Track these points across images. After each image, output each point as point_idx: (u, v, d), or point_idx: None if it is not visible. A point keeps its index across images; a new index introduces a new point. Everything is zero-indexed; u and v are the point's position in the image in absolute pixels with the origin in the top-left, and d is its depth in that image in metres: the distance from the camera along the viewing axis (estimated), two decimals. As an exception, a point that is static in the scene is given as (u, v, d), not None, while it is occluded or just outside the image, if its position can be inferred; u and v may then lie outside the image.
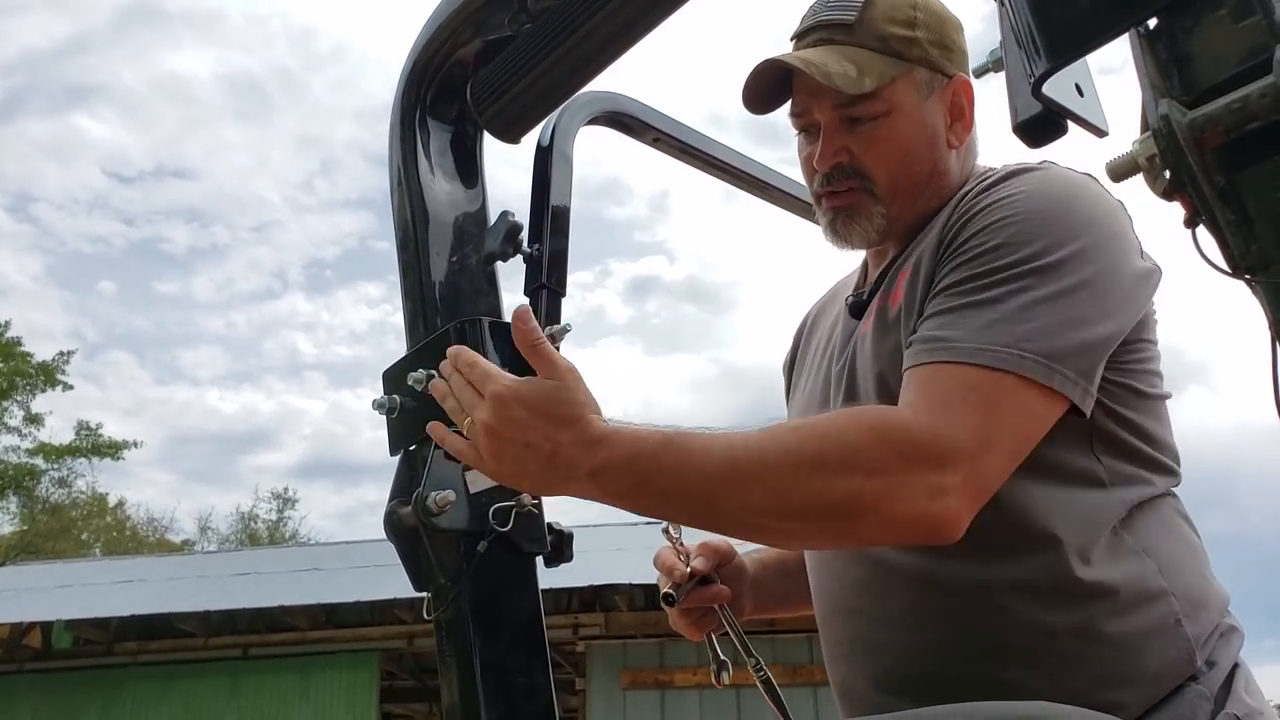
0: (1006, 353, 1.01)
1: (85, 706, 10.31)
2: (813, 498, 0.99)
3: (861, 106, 1.22)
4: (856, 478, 0.99)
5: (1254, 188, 0.57)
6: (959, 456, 0.99)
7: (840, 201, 1.26)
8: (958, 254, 1.11)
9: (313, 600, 9.84)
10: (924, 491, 0.98)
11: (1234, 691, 1.06)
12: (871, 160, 1.24)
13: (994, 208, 1.12)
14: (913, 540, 1.05)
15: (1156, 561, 1.09)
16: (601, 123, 1.44)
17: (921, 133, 1.24)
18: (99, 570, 13.72)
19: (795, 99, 1.27)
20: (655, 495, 1.02)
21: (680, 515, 1.10)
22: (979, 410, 1.01)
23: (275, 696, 10.13)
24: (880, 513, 0.99)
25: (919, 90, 1.24)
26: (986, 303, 1.05)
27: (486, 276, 1.34)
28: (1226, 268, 0.58)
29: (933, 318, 1.08)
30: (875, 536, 1.05)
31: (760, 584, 1.42)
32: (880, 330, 1.20)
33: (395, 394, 1.26)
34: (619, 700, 9.36)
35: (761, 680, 1.30)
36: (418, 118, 1.37)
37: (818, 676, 8.11)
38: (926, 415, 1.01)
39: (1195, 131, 0.57)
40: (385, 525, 1.21)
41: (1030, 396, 1.02)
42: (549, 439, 1.00)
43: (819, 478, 0.99)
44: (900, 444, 0.99)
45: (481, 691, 1.14)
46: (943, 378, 1.03)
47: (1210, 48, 0.60)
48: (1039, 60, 0.66)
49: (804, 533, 1.06)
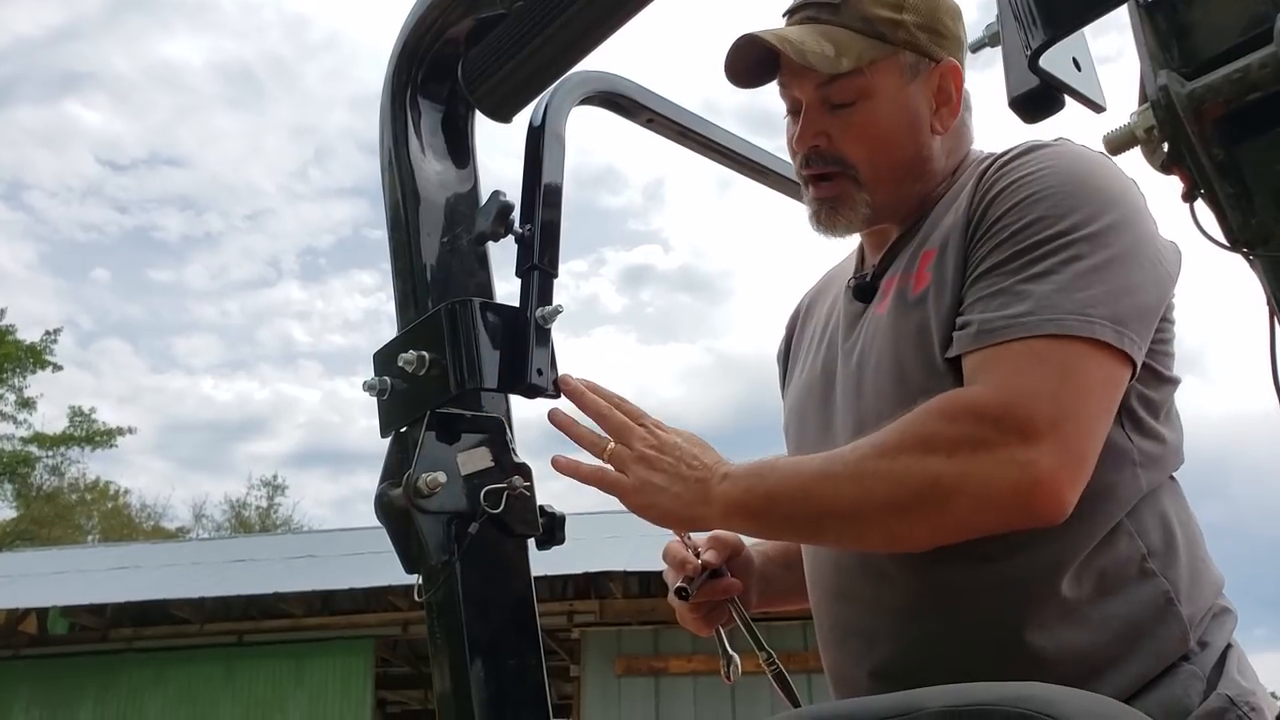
0: (1073, 319, 1.00)
1: (80, 693, 10.33)
2: (895, 486, 1.00)
3: (840, 88, 1.20)
4: (935, 459, 0.98)
5: (1254, 160, 0.56)
6: (1038, 426, 0.97)
7: (825, 192, 1.25)
8: (993, 233, 1.09)
9: (308, 587, 9.85)
10: (1010, 465, 0.96)
11: (1226, 671, 1.06)
12: (850, 145, 1.22)
13: (1022, 183, 1.10)
14: (1016, 521, 1.01)
15: (1147, 543, 1.09)
16: (595, 102, 1.42)
17: (902, 117, 1.22)
18: (94, 557, 13.74)
19: (782, 75, 1.26)
20: (765, 498, 1.09)
21: (787, 521, 1.11)
22: (1052, 378, 0.99)
23: (270, 683, 10.16)
24: (968, 492, 0.97)
25: (902, 74, 1.22)
26: (1040, 275, 1.03)
27: (478, 257, 1.33)
28: (1225, 242, 0.57)
29: (984, 299, 1.06)
30: (973, 520, 1.01)
31: (765, 576, 1.41)
32: (900, 311, 1.17)
33: (386, 375, 1.25)
34: (614, 687, 9.40)
35: (775, 675, 1.29)
36: (409, 97, 1.35)
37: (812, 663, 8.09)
38: (996, 389, 1.00)
39: (1195, 103, 0.56)
40: (376, 507, 1.20)
41: (1104, 360, 1.01)
42: (698, 462, 1.13)
43: (899, 464, 1.00)
44: (973, 420, 0.98)
45: (473, 673, 1.13)
46: (1012, 354, 1.01)
47: (1210, 18, 0.59)
48: (1036, 32, 0.65)
49: (901, 528, 1.04)
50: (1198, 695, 1.03)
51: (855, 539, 1.10)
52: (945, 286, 1.13)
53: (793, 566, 1.43)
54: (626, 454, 1.15)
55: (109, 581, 11.04)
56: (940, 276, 1.14)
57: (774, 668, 1.28)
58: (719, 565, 1.31)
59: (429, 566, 1.18)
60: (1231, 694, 1.03)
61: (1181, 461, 1.18)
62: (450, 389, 1.17)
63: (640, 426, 1.17)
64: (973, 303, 1.08)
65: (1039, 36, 0.65)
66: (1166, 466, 1.14)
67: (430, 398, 1.19)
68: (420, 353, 1.19)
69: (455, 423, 1.20)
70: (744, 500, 1.10)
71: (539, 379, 1.21)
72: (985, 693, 0.98)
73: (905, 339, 1.15)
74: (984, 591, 1.08)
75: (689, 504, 1.11)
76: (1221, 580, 1.16)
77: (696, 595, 1.28)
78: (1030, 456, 0.96)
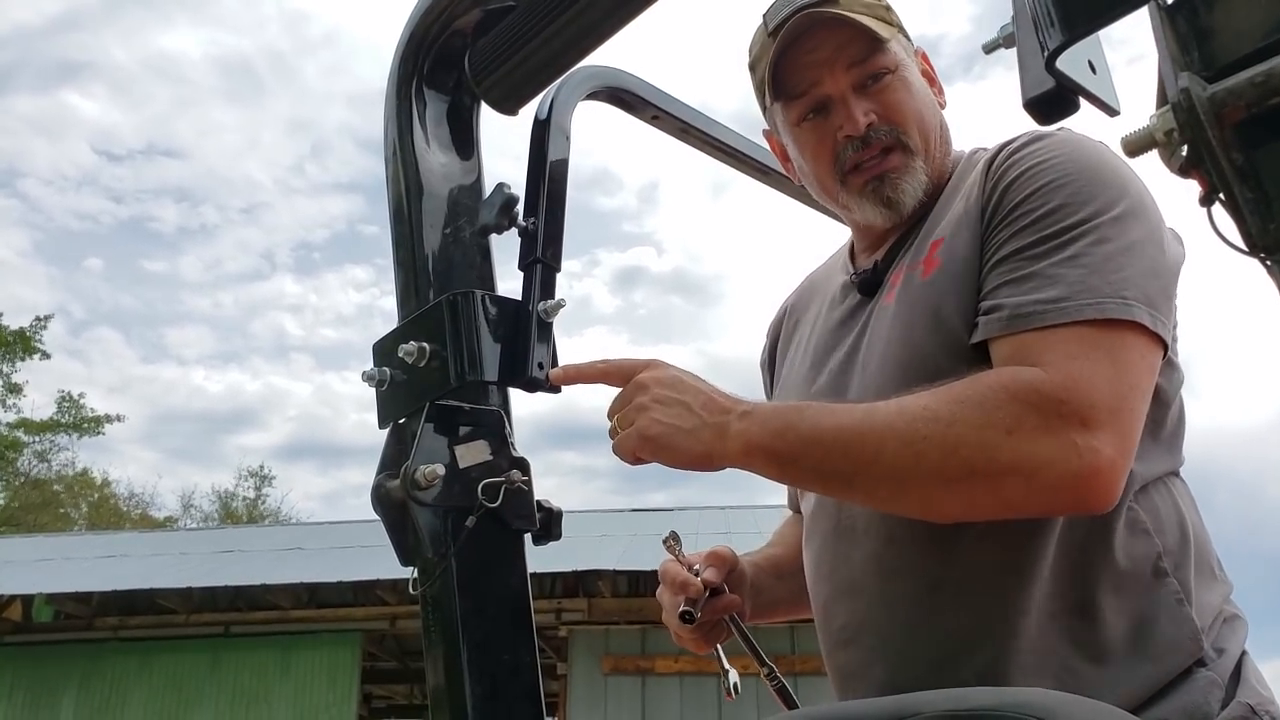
0: (1111, 303, 0.99)
1: (65, 680, 10.27)
2: (949, 455, 0.96)
3: (876, 61, 1.23)
4: (994, 434, 0.95)
5: (1274, 165, 0.56)
6: (1099, 414, 0.95)
7: (879, 168, 1.24)
8: (1014, 218, 1.08)
9: (295, 579, 9.81)
10: (1072, 451, 0.94)
11: (1244, 679, 1.05)
12: (898, 115, 1.24)
13: (1039, 169, 1.10)
14: (1064, 507, 0.99)
15: (1163, 542, 1.08)
16: (601, 98, 1.42)
17: (924, 87, 1.28)
18: (81, 544, 13.67)
19: (798, 79, 1.26)
20: (796, 442, 1.04)
21: (813, 469, 1.06)
22: (1105, 364, 0.97)
23: (255, 674, 10.12)
24: (1024, 473, 0.95)
25: (905, 51, 1.28)
26: (1070, 259, 1.02)
27: (480, 249, 1.32)
28: (1244, 246, 0.57)
29: (1011, 283, 1.05)
30: (1020, 501, 0.98)
31: (756, 587, 1.38)
32: (910, 295, 1.17)
33: (386, 366, 1.24)
34: (600, 685, 9.39)
35: (777, 689, 1.26)
36: (414, 88, 1.34)
37: (799, 667, 8.17)
38: (1056, 372, 0.97)
39: (1216, 106, 0.56)
40: (373, 499, 1.20)
41: (1143, 344, 1.00)
42: (712, 400, 1.09)
43: (954, 433, 0.96)
44: (1036, 400, 0.95)
45: (466, 667, 1.13)
46: (1060, 338, 0.99)
47: (1233, 21, 0.58)
48: (1054, 33, 0.64)
49: (941, 498, 1.00)
50: (1217, 702, 1.02)
51: (886, 500, 1.05)
52: (957, 269, 1.12)
53: (783, 577, 1.42)
54: (635, 403, 1.11)
55: (95, 570, 10.99)
56: (951, 259, 1.14)
57: (775, 682, 1.25)
58: (719, 583, 1.28)
59: (425, 559, 1.18)
60: (1253, 702, 1.03)
61: (1183, 460, 1.17)
62: (450, 381, 1.17)
63: (647, 370, 1.13)
64: (997, 286, 1.06)
65: (1057, 37, 0.64)
66: (1170, 459, 1.14)
67: (430, 389, 1.18)
68: (421, 344, 1.18)
69: (454, 415, 1.19)
70: (767, 442, 1.05)
71: (539, 372, 1.20)
72: (984, 697, 0.97)
73: (917, 322, 1.14)
74: (1000, 581, 1.06)
75: (705, 441, 1.07)
76: (1230, 586, 1.15)
77: (699, 617, 1.25)
78: (1093, 444, 0.94)
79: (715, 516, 11.32)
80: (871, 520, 1.16)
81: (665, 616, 1.31)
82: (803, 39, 1.23)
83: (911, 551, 1.11)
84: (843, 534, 1.20)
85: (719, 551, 1.33)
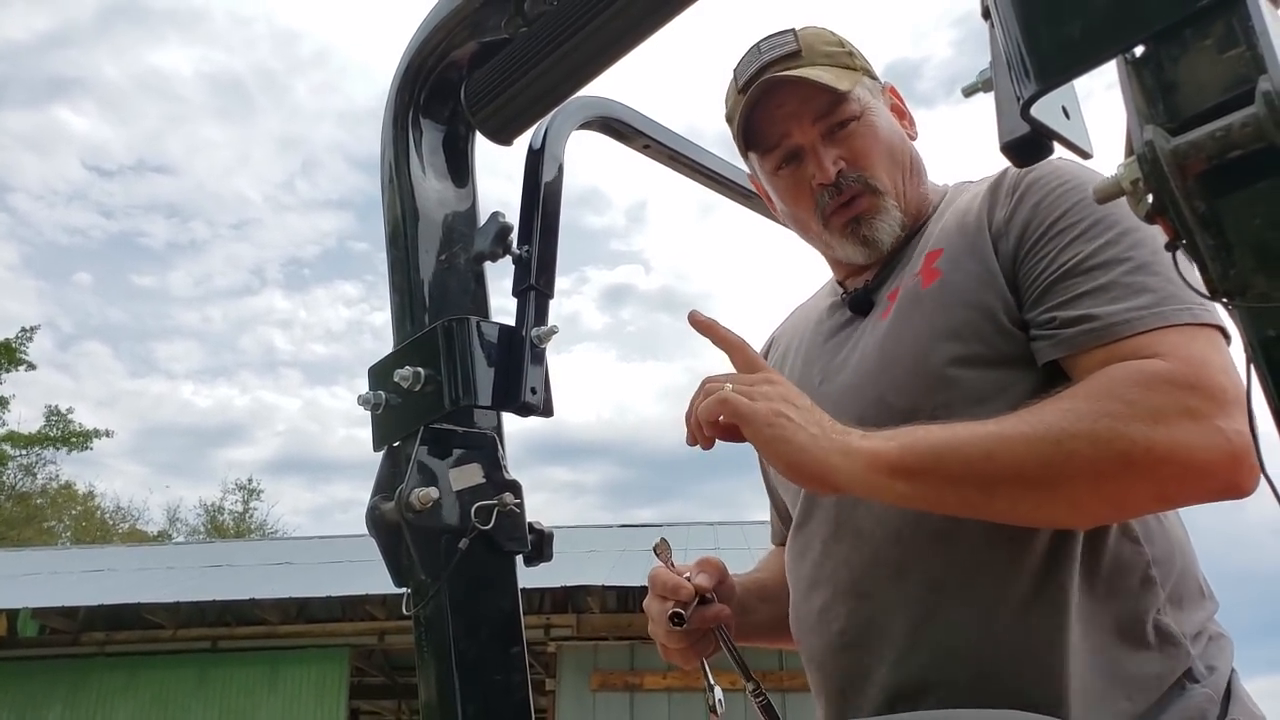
0: (1197, 308, 1.01)
1: (50, 696, 10.18)
2: (1101, 450, 0.95)
3: (841, 111, 1.29)
4: (1141, 425, 0.94)
5: (1234, 214, 0.58)
6: (1229, 395, 0.96)
7: (853, 211, 1.29)
8: (1059, 232, 1.10)
9: (284, 594, 9.75)
10: (1219, 436, 0.94)
11: (1237, 696, 1.07)
12: (865, 160, 1.29)
13: (1068, 188, 1.13)
14: (1215, 493, 0.98)
15: (1151, 551, 1.10)
16: (594, 128, 1.45)
17: (891, 125, 1.33)
18: (67, 559, 13.57)
19: (768, 133, 1.32)
20: (929, 453, 1.00)
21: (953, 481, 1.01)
22: (1218, 356, 0.99)
23: (243, 689, 10.04)
24: (1178, 461, 0.94)
25: (873, 94, 1.33)
26: (1141, 268, 1.04)
27: (475, 276, 1.34)
28: (1206, 291, 0.60)
29: (1087, 295, 1.05)
30: (1173, 490, 0.98)
31: (743, 606, 1.38)
32: (910, 307, 1.20)
33: (381, 390, 1.26)
34: (589, 701, 9.35)
35: (762, 706, 1.25)
36: (411, 117, 1.37)
37: (787, 683, 8.15)
38: (1179, 362, 0.97)
39: (1179, 158, 0.58)
40: (367, 521, 1.21)
41: (1225, 345, 1.02)
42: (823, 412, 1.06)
43: (1101, 427, 0.95)
44: (1173, 389, 0.96)
45: (459, 688, 1.14)
46: (1164, 339, 1.00)
47: (1195, 76, 0.61)
48: (1028, 83, 0.67)
49: (1091, 496, 0.98)
50: (1214, 719, 1.04)
51: (1032, 506, 1.01)
52: (962, 278, 1.15)
53: (768, 600, 1.42)
54: (765, 391, 1.05)
55: (82, 584, 10.91)
56: (954, 269, 1.17)
57: (761, 699, 1.24)
58: (710, 591, 1.28)
59: (418, 580, 1.19)
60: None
61: None
62: (444, 405, 1.19)
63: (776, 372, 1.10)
64: (1075, 297, 1.06)
65: (1031, 87, 0.67)
66: None
67: (424, 413, 1.20)
68: (416, 369, 1.20)
69: (448, 439, 1.21)
70: (896, 456, 1.00)
71: (532, 397, 1.23)
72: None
73: (923, 329, 1.17)
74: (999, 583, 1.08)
75: (826, 450, 1.02)
76: (1216, 605, 1.16)
77: (688, 622, 1.24)
78: (1235, 426, 0.94)
79: (704, 532, 11.31)
80: (878, 521, 1.17)
81: (652, 627, 1.30)
82: (770, 94, 1.29)
83: (917, 551, 1.12)
84: (844, 538, 1.21)
85: (710, 560, 1.33)
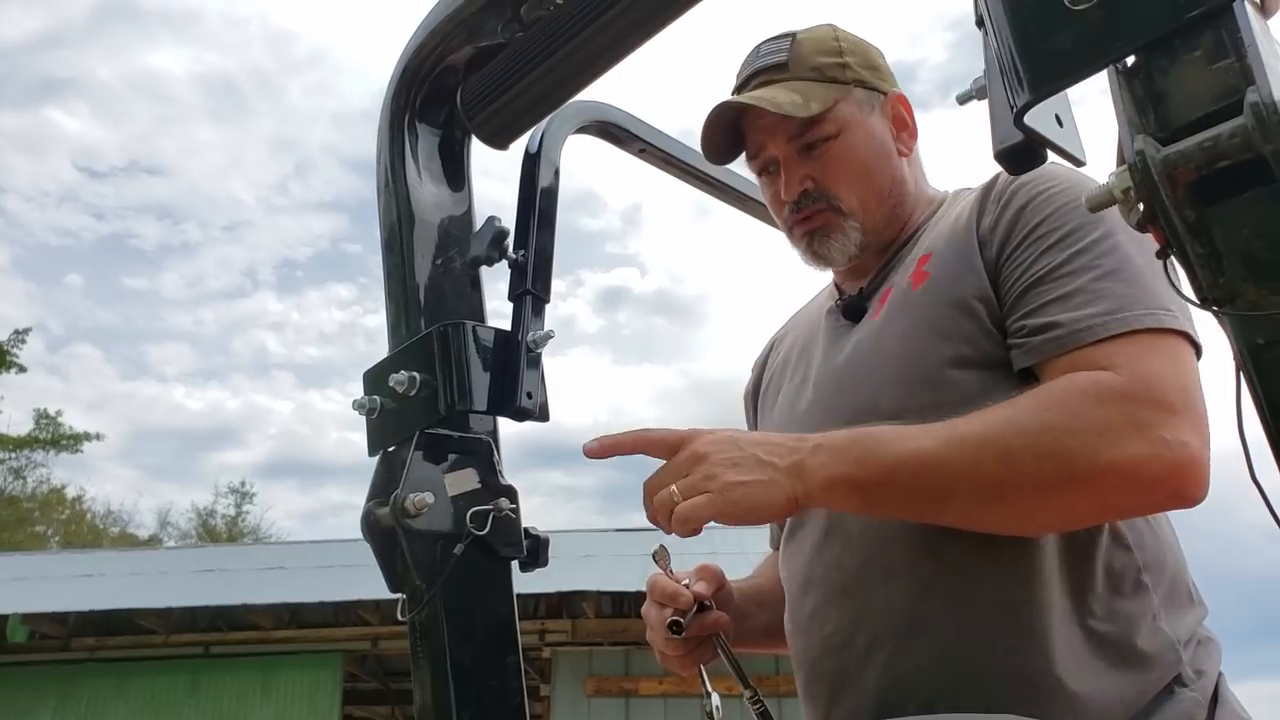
0: (1160, 313, 1.02)
1: (40, 703, 10.13)
2: (1045, 462, 0.96)
3: (813, 131, 1.29)
4: (1086, 437, 0.95)
5: (1223, 223, 0.59)
6: (1177, 407, 0.97)
7: (811, 225, 1.32)
8: (1036, 239, 1.12)
9: (276, 599, 9.72)
10: (1164, 446, 0.95)
11: (1224, 701, 1.08)
12: (833, 180, 1.30)
13: (1051, 194, 1.14)
14: (1162, 503, 1.01)
15: (1142, 557, 1.11)
16: (590, 132, 1.45)
17: (873, 145, 1.32)
18: (57, 563, 13.51)
19: (750, 141, 1.35)
20: (881, 468, 1.01)
21: (904, 495, 1.03)
22: (1170, 366, 1.00)
23: (236, 695, 10.01)
24: (1123, 472, 0.95)
25: (861, 108, 1.32)
26: (1110, 274, 1.05)
27: (471, 280, 1.35)
28: (1196, 299, 0.60)
29: (1056, 301, 1.07)
30: (1119, 501, 1.00)
31: (741, 612, 1.38)
32: (900, 308, 1.22)
33: (376, 395, 1.26)
34: (584, 707, 9.34)
35: (759, 713, 1.24)
36: (407, 122, 1.37)
37: (782, 688, 8.14)
38: (1128, 373, 0.99)
39: (1168, 168, 0.59)
40: (362, 526, 1.21)
41: (1189, 350, 1.03)
42: (775, 444, 1.05)
43: (1047, 440, 0.96)
44: (1119, 401, 0.97)
45: (454, 694, 1.14)
46: (1120, 347, 1.01)
47: (1185, 87, 0.62)
48: (1021, 92, 0.68)
49: (1039, 508, 1.01)
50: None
51: (982, 518, 1.03)
52: (946, 280, 1.17)
53: (765, 606, 1.42)
54: (701, 474, 1.03)
55: (72, 589, 10.86)
56: (942, 272, 1.18)
57: (758, 705, 1.24)
58: (708, 598, 1.27)
59: (414, 585, 1.19)
60: None
61: None
62: (440, 410, 1.19)
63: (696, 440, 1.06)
64: (1043, 305, 1.08)
65: (1023, 96, 0.68)
66: None
67: (420, 418, 1.21)
68: (411, 373, 1.20)
69: (443, 443, 1.22)
70: (849, 471, 1.02)
71: (528, 402, 1.23)
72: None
73: (909, 330, 1.18)
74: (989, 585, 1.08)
75: (781, 484, 1.02)
76: (1205, 610, 1.17)
77: (687, 630, 1.24)
78: (1182, 437, 0.95)
79: (700, 537, 11.28)
80: (868, 524, 1.17)
81: (650, 634, 1.30)
82: (748, 108, 1.30)
83: (907, 552, 1.13)
84: (835, 540, 1.21)
85: (709, 567, 1.33)
